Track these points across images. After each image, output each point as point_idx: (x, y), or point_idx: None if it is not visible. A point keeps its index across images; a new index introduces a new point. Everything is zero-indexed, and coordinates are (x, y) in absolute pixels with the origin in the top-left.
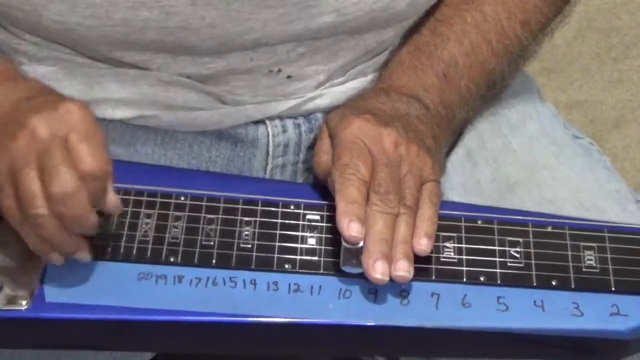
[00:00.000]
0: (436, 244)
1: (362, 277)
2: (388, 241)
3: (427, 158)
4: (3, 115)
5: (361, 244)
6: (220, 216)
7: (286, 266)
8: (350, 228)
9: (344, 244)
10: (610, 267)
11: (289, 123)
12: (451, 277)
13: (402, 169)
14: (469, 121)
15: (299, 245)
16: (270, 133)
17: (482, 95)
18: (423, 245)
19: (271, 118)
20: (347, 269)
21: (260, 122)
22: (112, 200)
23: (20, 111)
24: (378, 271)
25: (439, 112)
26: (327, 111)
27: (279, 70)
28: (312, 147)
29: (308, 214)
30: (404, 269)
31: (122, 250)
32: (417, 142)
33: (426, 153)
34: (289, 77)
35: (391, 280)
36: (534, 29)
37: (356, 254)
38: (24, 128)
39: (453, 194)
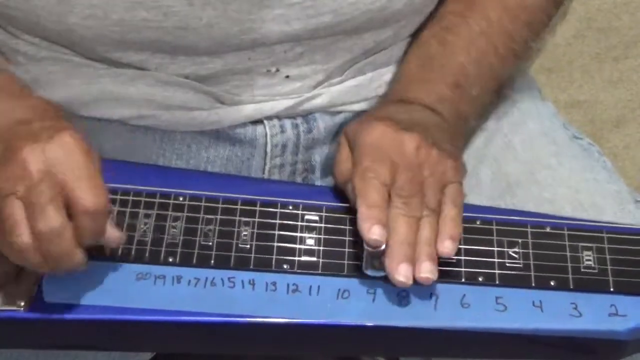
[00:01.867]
0: None
1: (386, 280)
2: (411, 244)
3: (448, 161)
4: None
5: (383, 247)
6: (218, 217)
7: (285, 266)
8: (372, 232)
9: (365, 247)
10: (608, 267)
11: (287, 123)
12: (450, 277)
13: (423, 172)
14: (480, 126)
15: (297, 246)
16: (269, 133)
17: (492, 101)
18: (447, 247)
19: (269, 118)
20: (369, 272)
21: (259, 122)
22: (112, 234)
23: (15, 135)
24: (401, 274)
25: (453, 121)
26: (326, 111)
27: (277, 70)
28: (310, 147)
29: (307, 214)
30: (428, 271)
31: (120, 250)
32: (438, 146)
33: (447, 156)
34: (287, 76)
35: (415, 282)
36: (538, 28)
37: (378, 257)
38: (16, 155)
39: None
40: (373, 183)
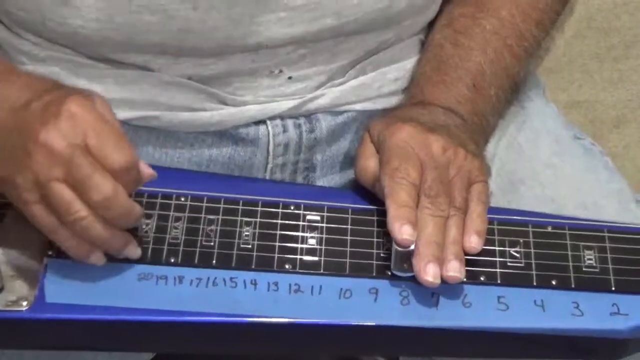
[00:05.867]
0: None
1: (414, 280)
2: (439, 244)
3: (474, 160)
4: (2, 120)
5: (412, 247)
6: (220, 217)
7: (286, 266)
8: (402, 231)
9: (395, 247)
10: (610, 266)
11: (290, 123)
12: None
13: (450, 171)
14: (497, 124)
15: (299, 246)
16: (271, 133)
17: (508, 100)
18: (473, 242)
19: (272, 118)
20: (398, 272)
21: (261, 121)
22: (146, 172)
23: (24, 121)
24: (429, 274)
25: (474, 122)
26: (328, 111)
27: (280, 71)
28: (312, 147)
29: (308, 214)
30: (455, 270)
31: None
32: (463, 146)
33: (472, 155)
34: (290, 78)
35: (443, 281)
36: (547, 27)
37: (407, 257)
38: (36, 144)
39: None
40: (402, 183)
